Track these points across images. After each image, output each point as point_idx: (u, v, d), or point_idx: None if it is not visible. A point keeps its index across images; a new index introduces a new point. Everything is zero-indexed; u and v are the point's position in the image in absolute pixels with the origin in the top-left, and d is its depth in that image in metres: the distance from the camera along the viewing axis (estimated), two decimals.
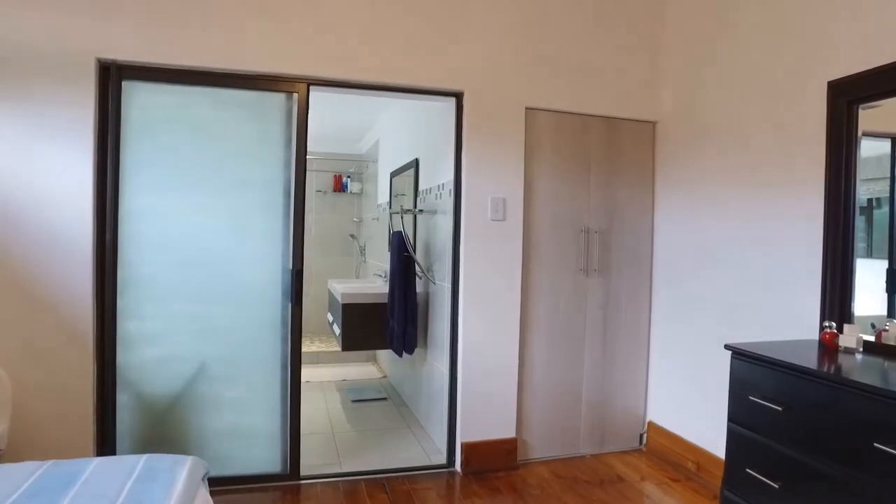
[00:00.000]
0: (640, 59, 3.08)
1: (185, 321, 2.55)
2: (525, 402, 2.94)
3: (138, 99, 2.47)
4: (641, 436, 3.15)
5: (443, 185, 3.19)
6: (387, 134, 5.05)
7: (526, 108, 2.88)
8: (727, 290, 2.58)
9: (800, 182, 2.23)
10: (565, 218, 2.98)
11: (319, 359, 5.14)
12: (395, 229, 3.47)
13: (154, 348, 2.52)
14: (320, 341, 5.75)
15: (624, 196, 3.07)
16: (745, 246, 2.49)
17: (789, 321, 2.26)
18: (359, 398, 4.05)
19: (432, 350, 3.32)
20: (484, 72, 2.82)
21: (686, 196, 2.87)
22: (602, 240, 3.03)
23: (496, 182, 2.85)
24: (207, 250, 2.57)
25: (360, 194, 6.49)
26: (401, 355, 3.39)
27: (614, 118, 3.04)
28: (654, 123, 3.11)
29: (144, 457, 1.75)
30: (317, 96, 2.69)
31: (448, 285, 2.97)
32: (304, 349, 5.37)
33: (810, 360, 1.77)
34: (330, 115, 4.99)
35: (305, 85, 2.62)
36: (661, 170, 3.08)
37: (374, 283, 4.20)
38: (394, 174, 4.61)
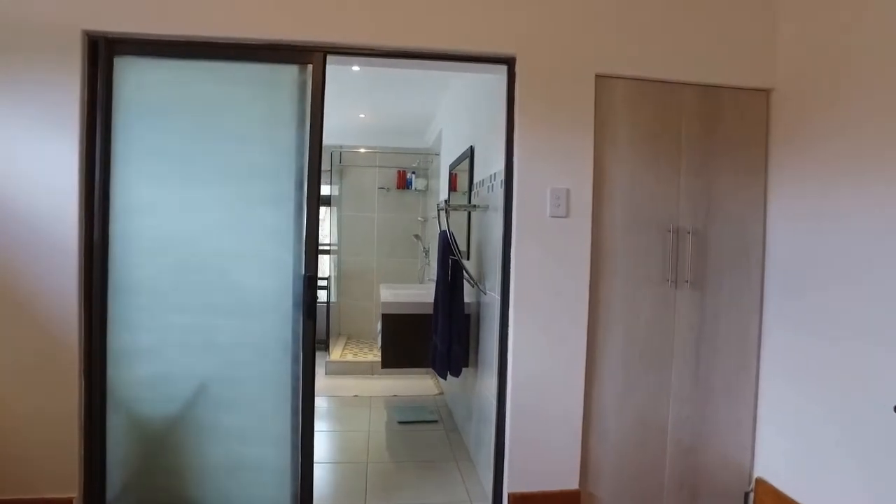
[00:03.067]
0: (750, 5, 2.38)
1: (182, 334, 2.18)
2: (592, 445, 2.35)
3: (131, 77, 2.13)
4: (747, 495, 2.44)
5: (495, 175, 2.65)
6: (448, 122, 4.57)
7: (596, 76, 2.28)
8: (888, 310, 1.86)
9: None
10: (647, 214, 2.35)
11: (374, 369, 4.75)
12: (442, 228, 2.97)
13: (148, 365, 2.17)
14: (379, 350, 5.37)
15: (726, 186, 2.39)
16: None
17: None
18: (406, 419, 3.59)
19: (483, 373, 2.80)
20: (542, 30, 2.25)
21: (818, 185, 2.15)
22: (696, 242, 2.37)
23: (557, 169, 2.27)
24: (208, 252, 2.19)
25: (425, 191, 6.08)
26: (444, 378, 2.88)
27: (713, 86, 2.36)
28: (767, 92, 2.40)
29: None
30: (368, 79, 2.25)
31: (497, 295, 2.43)
32: (359, 358, 5.12)
33: None
34: (390, 105, 4.61)
35: (321, 54, 2.18)
36: (778, 151, 2.36)
37: (421, 291, 3.73)
38: (452, 166, 4.12)
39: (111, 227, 2.12)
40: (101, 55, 2.07)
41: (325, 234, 6.13)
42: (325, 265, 6.17)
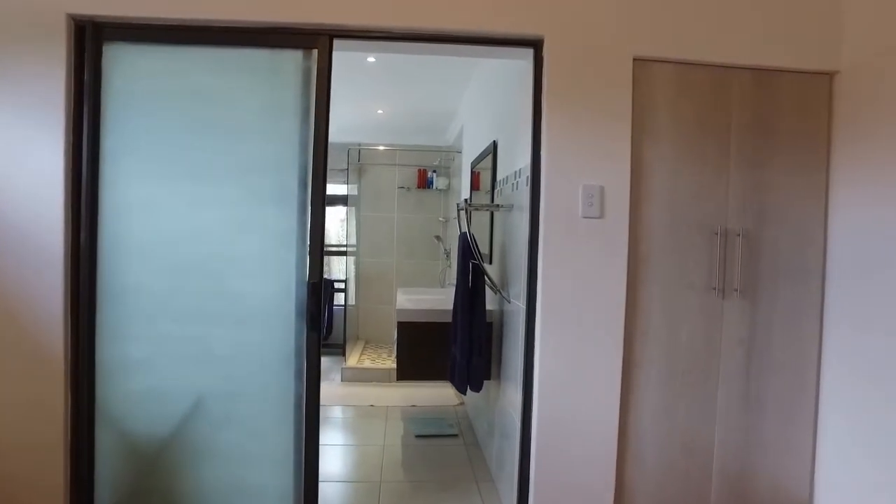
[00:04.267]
0: None
1: (177, 345, 2.00)
2: (628, 471, 2.10)
3: (122, 66, 1.96)
4: None
5: (520, 171, 2.42)
6: (469, 118, 4.35)
7: (634, 59, 2.03)
8: None
9: None
10: (691, 215, 2.09)
11: (391, 377, 4.54)
12: (462, 230, 2.74)
13: (139, 379, 2.00)
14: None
15: (781, 182, 2.11)
16: None
17: None
18: (424, 433, 3.37)
19: (506, 386, 2.56)
20: (572, 8, 2.01)
21: (891, 181, 1.87)
22: (746, 246, 2.10)
23: (590, 164, 2.03)
24: (204, 255, 2.00)
25: (446, 191, 5.87)
26: (464, 393, 2.66)
27: (768, 69, 2.09)
28: (831, 75, 2.12)
29: None
30: (384, 71, 2.05)
31: (522, 304, 2.20)
32: (376, 365, 4.92)
33: None
34: (409, 100, 4.41)
35: (327, 38, 1.97)
36: (842, 142, 2.08)
37: (440, 296, 3.50)
38: (474, 164, 3.89)
39: (100, 228, 1.95)
40: (89, 41, 1.90)
41: (343, 235, 5.96)
42: (342, 267, 6.01)
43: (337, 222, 6.08)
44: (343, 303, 5.60)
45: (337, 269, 6.07)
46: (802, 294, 2.13)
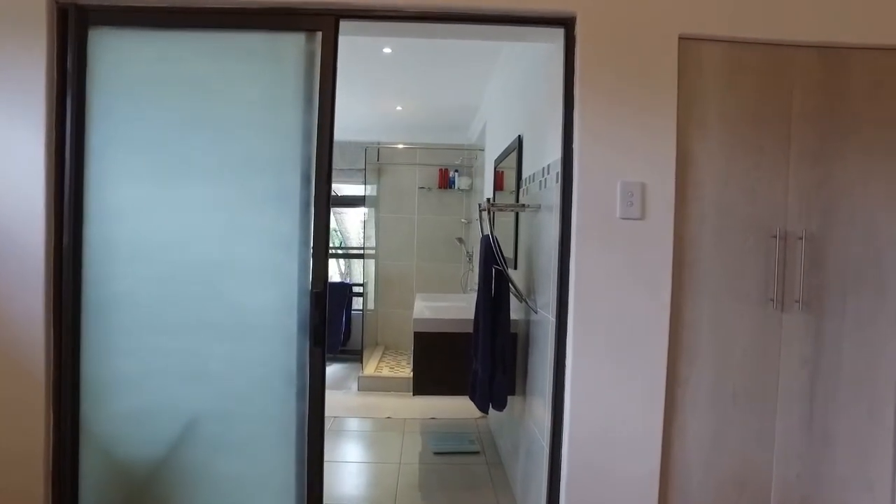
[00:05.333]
0: None
1: (168, 361, 1.82)
2: (673, 502, 1.85)
3: (108, 53, 1.78)
4: None
5: (548, 167, 2.18)
6: (492, 114, 4.12)
7: (680, 38, 1.78)
8: None
9: None
10: (745, 215, 1.83)
11: (411, 386, 4.32)
12: (485, 232, 2.51)
13: (127, 397, 1.82)
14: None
15: (852, 176, 1.84)
16: None
17: None
18: (443, 449, 3.15)
19: (532, 403, 2.32)
20: None
21: None
22: (810, 251, 1.83)
23: (630, 158, 1.79)
24: (198, 261, 1.81)
25: (468, 191, 5.64)
26: (485, 412, 2.43)
27: (838, 46, 1.82)
28: None
29: None
30: (402, 64, 1.86)
31: (552, 317, 1.96)
32: (395, 373, 4.69)
33: None
34: (428, 96, 4.21)
35: (332, 18, 1.77)
36: None
37: (461, 303, 3.28)
38: (497, 161, 3.66)
39: (85, 231, 1.77)
40: (72, 26, 1.73)
41: (363, 237, 5.77)
42: (361, 271, 5.83)
43: (356, 224, 5.91)
44: (361, 308, 5.41)
45: (357, 272, 5.90)
46: (878, 306, 1.84)
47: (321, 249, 1.77)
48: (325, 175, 1.76)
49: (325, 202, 1.76)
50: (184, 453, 1.83)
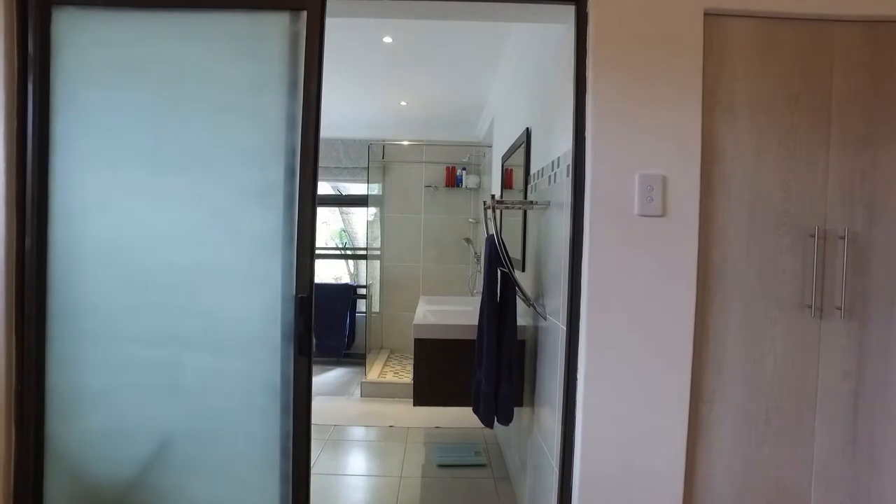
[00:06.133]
0: None
1: (141, 374, 1.66)
2: None
3: (74, 34, 1.63)
4: None
5: (558, 160, 2.00)
6: (499, 108, 3.94)
7: (706, 13, 1.59)
8: None
9: None
10: (779, 211, 1.63)
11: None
12: (490, 232, 2.33)
13: (97, 414, 1.66)
14: None
15: None
16: None
17: None
18: (447, 462, 2.97)
19: (541, 415, 2.14)
20: None
21: None
22: (853, 252, 1.63)
23: (649, 148, 1.60)
24: (173, 263, 1.65)
25: (476, 189, 5.46)
26: (490, 426, 2.24)
27: (884, 19, 1.62)
28: None
29: None
30: (404, 54, 1.70)
31: (562, 324, 1.78)
32: (399, 379, 4.49)
33: None
34: (433, 89, 4.03)
35: None
36: None
37: (467, 307, 3.10)
38: (505, 157, 3.49)
39: (49, 231, 1.62)
40: (33, 6, 1.58)
41: (369, 237, 5.61)
42: (364, 271, 5.67)
43: (361, 224, 5.76)
44: (365, 310, 5.24)
45: (363, 273, 5.74)
46: None
47: (307, 250, 1.60)
48: (310, 167, 1.59)
49: (310, 197, 1.59)
50: (158, 475, 1.67)
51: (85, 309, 1.64)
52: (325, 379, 4.70)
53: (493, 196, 2.28)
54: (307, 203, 1.59)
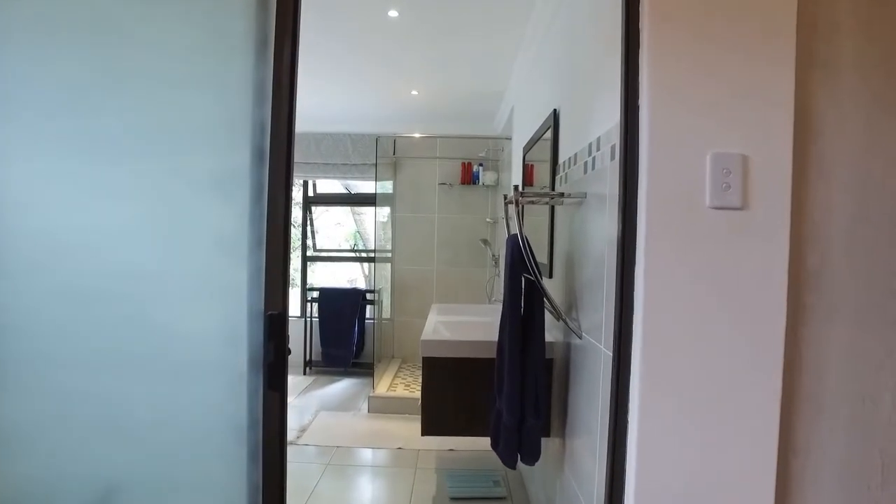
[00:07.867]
0: None
1: (77, 406, 1.32)
2: None
3: None
4: None
5: (598, 141, 1.63)
6: (520, 94, 3.58)
7: None
8: None
9: None
10: (895, 203, 1.25)
11: None
12: (512, 231, 1.96)
13: (26, 457, 1.33)
14: None
15: None
16: None
17: None
18: (461, 494, 2.60)
19: (574, 450, 1.77)
20: None
21: None
22: None
23: (724, 121, 1.22)
24: (114, 270, 1.31)
25: (494, 187, 5.11)
26: (512, 467, 1.87)
27: None
28: None
29: None
30: (413, 31, 1.48)
31: (605, 349, 1.40)
32: (410, 393, 4.08)
33: None
34: (447, 76, 3.68)
35: None
36: None
37: (486, 318, 2.73)
38: (526, 148, 3.12)
39: None
40: None
41: (380, 238, 5.27)
42: (372, 275, 5.33)
43: (372, 224, 5.42)
44: (373, 316, 4.90)
45: (368, 277, 5.40)
46: None
47: (279, 255, 1.25)
48: (283, 149, 1.24)
49: (283, 185, 1.24)
50: None
51: (4, 327, 1.30)
52: (330, 391, 4.37)
53: (515, 187, 1.91)
54: (279, 193, 1.24)
